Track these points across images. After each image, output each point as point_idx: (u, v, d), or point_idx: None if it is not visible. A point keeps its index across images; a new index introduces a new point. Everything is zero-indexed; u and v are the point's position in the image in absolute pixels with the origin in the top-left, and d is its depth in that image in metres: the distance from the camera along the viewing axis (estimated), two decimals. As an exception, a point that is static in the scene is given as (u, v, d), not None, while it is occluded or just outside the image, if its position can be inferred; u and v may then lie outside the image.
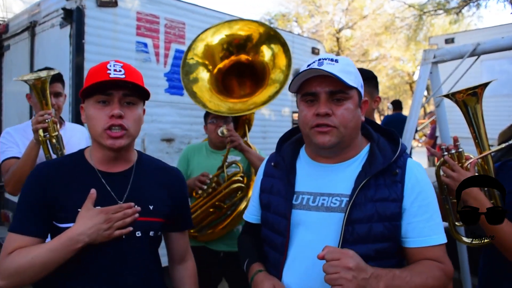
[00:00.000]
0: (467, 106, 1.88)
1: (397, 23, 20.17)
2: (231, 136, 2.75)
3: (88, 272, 1.45)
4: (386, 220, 1.37)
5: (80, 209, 1.44)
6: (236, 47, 3.03)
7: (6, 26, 4.71)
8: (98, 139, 1.49)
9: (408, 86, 26.59)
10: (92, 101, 1.48)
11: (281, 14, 23.21)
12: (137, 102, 1.52)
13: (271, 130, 5.06)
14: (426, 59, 3.12)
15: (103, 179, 1.52)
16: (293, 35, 6.08)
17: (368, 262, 1.33)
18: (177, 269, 1.77)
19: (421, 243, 1.38)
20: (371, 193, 1.38)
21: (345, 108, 1.39)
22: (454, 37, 7.49)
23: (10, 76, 4.72)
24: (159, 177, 1.65)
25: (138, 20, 3.87)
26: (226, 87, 3.09)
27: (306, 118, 1.42)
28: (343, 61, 1.43)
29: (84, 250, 1.42)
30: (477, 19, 27.97)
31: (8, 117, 4.78)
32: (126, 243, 1.49)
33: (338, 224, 1.37)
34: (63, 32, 3.60)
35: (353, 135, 1.45)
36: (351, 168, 1.46)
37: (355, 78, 1.43)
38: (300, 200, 1.47)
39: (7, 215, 4.67)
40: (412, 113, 3.13)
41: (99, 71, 1.49)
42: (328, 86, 1.38)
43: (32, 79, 2.44)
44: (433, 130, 9.76)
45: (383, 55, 24.00)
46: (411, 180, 1.41)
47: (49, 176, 1.50)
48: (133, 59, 3.84)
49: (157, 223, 1.58)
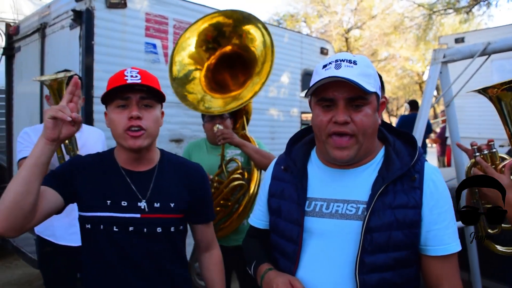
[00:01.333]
0: (501, 102, 1.69)
1: (407, 22, 20.03)
2: (222, 134, 2.76)
3: (112, 265, 1.58)
4: (406, 228, 1.32)
5: (109, 201, 1.60)
6: (215, 41, 3.03)
7: (17, 28, 4.75)
8: (120, 141, 1.60)
9: (418, 86, 26.42)
10: (113, 107, 1.59)
11: (290, 15, 23.18)
12: (154, 105, 1.62)
13: (280, 131, 5.06)
14: (436, 58, 3.09)
15: (127, 176, 1.65)
16: (302, 35, 6.07)
17: (387, 271, 1.31)
18: (204, 256, 1.90)
19: (442, 252, 1.34)
20: (390, 199, 1.33)
21: (364, 115, 1.32)
22: (464, 37, 7.42)
23: (21, 77, 4.76)
24: (181, 175, 1.75)
25: (147, 21, 3.89)
26: (219, 82, 3.09)
27: (322, 123, 1.35)
28: (362, 62, 1.34)
29: (108, 244, 1.58)
30: (488, 18, 27.77)
31: (19, 118, 4.83)
32: (147, 239, 1.61)
33: (354, 232, 1.32)
34: (72, 33, 3.62)
35: (371, 142, 1.39)
36: (367, 173, 1.40)
37: (374, 81, 1.35)
38: (313, 206, 1.41)
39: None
40: (422, 113, 3.11)
41: (117, 78, 1.58)
42: (347, 92, 1.30)
43: (49, 80, 2.50)
44: (443, 130, 9.68)
45: (392, 55, 23.87)
46: (429, 186, 1.36)
47: (82, 165, 1.66)
48: (142, 60, 3.86)
49: (177, 219, 1.69)
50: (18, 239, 4.38)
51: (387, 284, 1.31)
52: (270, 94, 5.02)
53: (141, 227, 1.60)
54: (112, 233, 1.58)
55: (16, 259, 5.28)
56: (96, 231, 1.60)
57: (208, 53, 3.06)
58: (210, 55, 3.06)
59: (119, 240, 1.58)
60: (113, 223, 1.59)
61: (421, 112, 3.12)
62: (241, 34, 2.99)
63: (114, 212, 1.59)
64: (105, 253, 1.59)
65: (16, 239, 4.38)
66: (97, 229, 1.59)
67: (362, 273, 1.29)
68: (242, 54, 3.03)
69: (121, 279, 1.59)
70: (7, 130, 4.99)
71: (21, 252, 4.12)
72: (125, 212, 1.60)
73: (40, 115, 4.17)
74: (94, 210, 1.59)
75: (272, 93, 5.06)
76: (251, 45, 2.97)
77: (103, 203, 1.59)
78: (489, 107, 1.92)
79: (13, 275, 5.11)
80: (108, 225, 1.59)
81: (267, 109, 5.03)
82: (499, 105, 1.71)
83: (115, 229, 1.58)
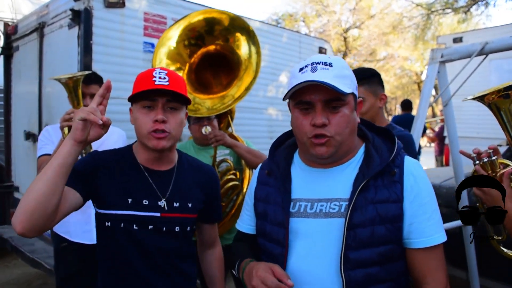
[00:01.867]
0: (499, 110, 1.64)
1: (405, 22, 20.05)
2: (214, 136, 2.75)
3: (130, 263, 1.61)
4: (388, 222, 1.33)
5: (130, 199, 1.61)
6: (198, 38, 3.00)
7: (15, 27, 4.74)
8: (143, 140, 1.63)
9: (416, 85, 26.46)
10: (139, 106, 1.62)
11: (288, 14, 23.17)
12: (179, 107, 1.65)
13: (278, 130, 5.03)
14: (433, 58, 3.10)
15: (148, 175, 1.68)
16: (300, 34, 6.07)
17: (372, 266, 1.32)
18: (206, 253, 1.96)
19: (424, 244, 1.35)
20: (371, 195, 1.34)
21: (341, 116, 1.34)
22: (463, 36, 7.43)
23: (20, 77, 4.76)
24: (197, 176, 1.80)
25: (145, 21, 3.89)
26: (202, 82, 3.07)
27: (303, 127, 1.37)
28: (338, 64, 1.36)
29: (126, 242, 1.61)
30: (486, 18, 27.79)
31: (17, 117, 4.82)
32: (166, 237, 1.65)
33: (339, 230, 1.33)
34: (71, 33, 3.62)
35: (350, 140, 1.41)
36: (348, 171, 1.42)
37: (351, 81, 1.37)
38: (297, 207, 1.42)
39: (16, 215, 4.70)
40: (420, 112, 3.12)
41: (145, 78, 1.60)
42: (324, 94, 1.32)
43: (65, 78, 2.54)
44: (441, 129, 9.70)
45: (390, 54, 23.89)
46: (409, 180, 1.38)
47: (103, 163, 1.66)
48: (140, 59, 3.86)
49: (193, 218, 1.75)
50: (16, 238, 4.38)
51: (373, 279, 1.32)
52: (268, 94, 5.03)
53: (161, 225, 1.64)
54: (131, 231, 1.61)
55: (15, 259, 5.28)
56: (115, 229, 1.61)
57: (190, 52, 3.03)
58: (192, 53, 3.03)
59: (139, 238, 1.61)
60: (134, 222, 1.61)
61: (419, 111, 3.13)
62: (229, 36, 2.98)
63: (135, 211, 1.61)
64: (123, 251, 1.62)
65: (14, 238, 4.38)
66: (117, 227, 1.61)
67: (347, 269, 1.30)
68: (226, 55, 3.01)
69: (139, 276, 1.62)
70: (6, 130, 4.98)
71: (20, 252, 4.12)
72: (146, 211, 1.62)
73: (39, 115, 4.16)
74: (116, 208, 1.61)
75: (271, 92, 5.06)
76: (236, 48, 2.96)
77: (125, 202, 1.61)
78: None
79: (11, 274, 5.10)
80: (128, 223, 1.61)
81: (266, 108, 5.03)
82: (498, 112, 1.65)
83: (135, 227, 1.61)
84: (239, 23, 2.96)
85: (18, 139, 4.70)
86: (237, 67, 2.96)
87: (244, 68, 2.91)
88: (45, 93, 4.12)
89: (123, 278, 1.62)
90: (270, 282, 1.26)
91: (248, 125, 4.63)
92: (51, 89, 3.97)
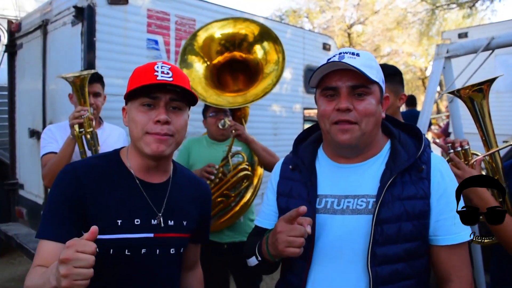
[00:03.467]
0: (473, 102, 1.83)
1: (409, 18, 19.98)
2: (234, 126, 2.78)
3: (116, 283, 1.40)
4: (415, 219, 1.33)
5: (120, 220, 1.37)
6: (232, 44, 3.06)
7: (19, 25, 4.75)
8: (139, 144, 1.39)
9: (421, 81, 26.33)
10: (137, 104, 1.38)
11: (292, 10, 23.12)
12: (184, 108, 1.43)
13: (282, 127, 5.04)
14: (439, 54, 3.07)
15: (142, 188, 1.45)
16: (304, 31, 6.05)
17: (398, 263, 1.32)
18: (187, 275, 1.72)
19: (450, 241, 1.34)
20: (398, 191, 1.34)
21: (367, 103, 1.34)
22: (468, 32, 7.38)
23: (23, 74, 4.76)
24: (191, 192, 1.60)
25: (148, 17, 3.88)
26: (220, 81, 3.11)
27: (325, 113, 1.37)
28: (365, 55, 1.38)
29: (115, 262, 1.37)
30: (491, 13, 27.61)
31: (22, 115, 4.83)
32: (160, 259, 1.45)
33: (366, 226, 1.33)
34: (74, 30, 3.61)
35: (374, 132, 1.40)
36: (374, 167, 1.41)
37: (377, 73, 1.38)
38: (324, 203, 1.41)
39: (21, 212, 4.73)
40: (425, 108, 3.09)
41: (145, 72, 1.37)
42: (350, 80, 1.33)
43: (72, 77, 2.58)
44: (447, 125, 9.65)
45: (395, 50, 23.80)
46: (436, 176, 1.37)
47: (88, 183, 1.39)
48: (144, 56, 3.85)
49: (187, 238, 1.56)
50: (21, 236, 4.40)
51: (399, 275, 1.32)
52: (272, 90, 5.00)
53: (154, 248, 1.43)
54: (123, 257, 1.38)
55: (20, 256, 5.31)
56: (104, 256, 1.33)
57: (220, 51, 3.09)
58: (220, 54, 3.09)
59: (132, 265, 1.39)
60: (125, 247, 1.38)
61: (424, 107, 3.11)
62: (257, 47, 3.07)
63: (126, 233, 1.38)
64: (114, 278, 1.39)
65: (19, 235, 4.40)
66: (105, 254, 1.34)
67: (374, 265, 1.30)
68: (250, 64, 3.08)
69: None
70: (10, 127, 4.99)
71: (24, 249, 4.13)
72: (138, 232, 1.40)
73: (43, 112, 4.17)
74: (104, 232, 1.32)
75: (275, 89, 5.03)
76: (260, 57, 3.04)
77: (114, 224, 1.36)
78: (492, 103, 1.92)
79: (16, 271, 5.13)
80: (119, 249, 1.37)
81: (270, 105, 5.01)
82: (471, 105, 1.84)
83: (127, 253, 1.38)
84: (269, 33, 3.04)
85: (23, 137, 4.71)
86: (256, 73, 3.04)
87: (268, 72, 2.98)
88: (49, 91, 4.13)
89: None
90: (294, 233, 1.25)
91: (252, 121, 4.60)
92: (55, 86, 3.97)
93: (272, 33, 3.01)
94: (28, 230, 4.58)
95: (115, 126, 3.04)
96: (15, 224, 4.86)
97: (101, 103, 2.89)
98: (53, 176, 2.63)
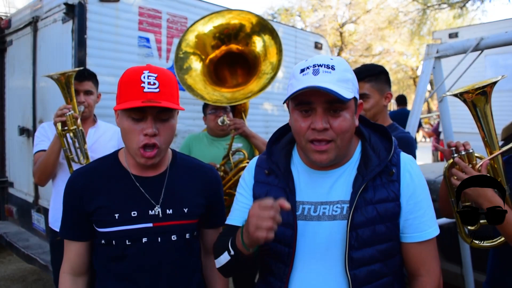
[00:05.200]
0: (476, 107, 1.78)
1: (401, 17, 20.09)
2: (234, 124, 2.78)
3: (123, 273, 1.53)
4: (388, 221, 1.36)
5: (117, 214, 1.51)
6: (227, 36, 3.06)
7: (9, 22, 4.70)
8: (132, 153, 1.51)
9: (412, 81, 26.51)
10: (126, 115, 1.46)
11: (284, 9, 23.13)
12: (171, 116, 1.51)
13: (274, 125, 5.04)
14: (429, 53, 3.10)
15: (137, 183, 1.56)
16: (296, 29, 6.06)
17: (375, 263, 1.35)
18: (209, 258, 1.78)
19: (418, 238, 1.39)
20: (370, 195, 1.36)
21: (343, 120, 1.32)
22: (458, 32, 7.44)
23: (13, 71, 4.72)
24: (194, 178, 1.66)
25: (140, 15, 3.87)
26: (218, 77, 3.11)
27: (301, 130, 1.35)
28: (340, 66, 1.33)
29: (122, 259, 1.51)
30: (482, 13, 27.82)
31: (12, 112, 4.79)
32: (162, 247, 1.54)
33: (341, 232, 1.35)
34: (65, 27, 3.59)
35: (349, 143, 1.41)
36: (347, 173, 1.42)
37: (353, 85, 1.35)
38: (301, 210, 1.41)
39: (11, 210, 4.70)
40: (415, 108, 3.12)
41: (132, 83, 1.43)
42: (325, 96, 1.28)
43: (57, 74, 2.59)
44: (438, 125, 9.73)
45: (386, 49, 23.91)
46: (406, 178, 1.40)
47: (84, 187, 1.55)
48: (135, 54, 3.83)
49: (192, 224, 1.61)
50: (11, 234, 4.37)
51: (376, 275, 1.36)
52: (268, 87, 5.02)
53: (155, 237, 1.52)
54: (125, 247, 1.50)
55: (10, 254, 5.26)
56: (109, 246, 1.52)
57: (215, 45, 3.09)
58: (216, 48, 3.09)
59: (134, 253, 1.51)
60: (125, 237, 1.50)
61: (414, 107, 3.14)
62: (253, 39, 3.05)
63: (125, 225, 1.50)
64: (120, 268, 1.52)
65: (9, 234, 4.37)
66: (109, 244, 1.51)
67: (352, 269, 1.33)
68: (247, 55, 3.07)
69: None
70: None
71: (14, 247, 4.11)
72: (136, 223, 1.51)
73: (33, 109, 4.14)
74: (105, 226, 1.51)
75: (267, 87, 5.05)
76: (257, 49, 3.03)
77: (112, 218, 1.50)
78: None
79: (6, 270, 5.09)
80: (120, 239, 1.50)
81: (261, 103, 5.02)
82: (474, 110, 1.79)
83: (128, 242, 1.50)
84: (265, 24, 3.03)
85: (12, 135, 4.67)
86: (254, 66, 3.03)
87: (264, 66, 2.98)
88: (39, 88, 4.10)
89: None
90: (265, 214, 1.21)
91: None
92: (45, 84, 3.94)
93: (269, 25, 3.02)
94: (18, 228, 4.55)
95: (110, 124, 3.02)
96: (4, 223, 4.83)
97: (93, 101, 2.88)
98: (41, 173, 2.68)
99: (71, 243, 1.59)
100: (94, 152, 2.68)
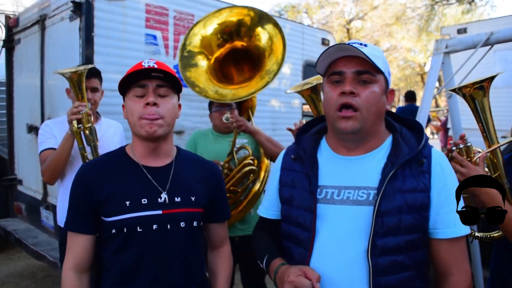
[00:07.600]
0: (474, 100, 1.85)
1: (409, 13, 19.95)
2: (236, 121, 2.78)
3: (134, 260, 1.55)
4: (415, 211, 1.34)
5: (128, 201, 1.55)
6: (229, 34, 3.05)
7: (17, 20, 4.72)
8: (136, 129, 1.57)
9: (419, 77, 26.34)
10: (130, 95, 1.58)
11: (291, 6, 23.09)
12: (171, 94, 1.60)
13: (281, 122, 5.04)
14: (438, 49, 3.07)
15: (145, 171, 1.61)
16: (303, 26, 6.03)
17: (398, 254, 1.33)
18: (213, 253, 1.87)
19: (451, 234, 1.36)
20: (399, 184, 1.35)
21: (371, 91, 1.36)
22: (467, 27, 7.36)
23: (21, 69, 4.75)
24: (198, 171, 1.73)
25: (147, 13, 3.87)
26: (224, 74, 3.11)
27: (331, 99, 1.40)
28: (372, 46, 1.41)
29: (134, 246, 1.54)
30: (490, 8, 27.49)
31: (20, 110, 4.82)
32: (172, 234, 1.58)
33: (366, 218, 1.34)
34: (72, 25, 3.60)
35: (376, 122, 1.42)
36: (376, 160, 1.42)
37: (383, 63, 1.40)
38: (324, 194, 1.42)
39: (20, 207, 4.73)
40: (424, 104, 3.09)
41: (134, 67, 1.58)
42: (356, 66, 1.36)
43: (69, 72, 2.57)
44: (447, 119, 9.66)
45: (394, 46, 23.79)
46: (437, 170, 1.39)
47: (93, 177, 1.60)
48: (142, 51, 3.84)
49: (199, 213, 1.67)
50: (20, 231, 4.40)
51: (398, 266, 1.33)
52: (271, 85, 4.99)
53: (165, 224, 1.57)
54: (136, 233, 1.54)
55: (19, 251, 5.31)
56: (120, 235, 1.54)
57: (220, 44, 3.08)
58: (220, 46, 3.09)
59: (145, 239, 1.54)
60: (136, 224, 1.54)
61: (423, 103, 3.11)
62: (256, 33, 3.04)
63: (135, 212, 1.54)
64: (132, 255, 1.55)
65: (18, 231, 4.40)
66: (121, 232, 1.54)
67: (374, 256, 1.32)
68: (251, 50, 3.06)
69: (150, 278, 1.55)
70: (8, 123, 4.98)
71: (23, 244, 4.14)
72: (146, 210, 1.55)
73: (41, 108, 4.16)
74: (116, 214, 1.54)
75: (274, 84, 5.02)
76: (261, 43, 3.01)
77: (123, 206, 1.54)
78: (492, 98, 1.92)
79: (15, 267, 5.14)
80: (131, 227, 1.53)
81: (269, 100, 5.01)
82: (472, 103, 1.87)
83: (139, 229, 1.54)
84: (266, 17, 3.03)
85: (21, 132, 4.70)
86: (260, 61, 3.01)
87: (269, 59, 2.95)
88: (47, 86, 4.11)
89: (132, 280, 1.55)
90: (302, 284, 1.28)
91: (250, 117, 4.62)
92: (53, 81, 3.96)
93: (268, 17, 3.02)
94: (27, 225, 4.59)
95: (112, 120, 3.04)
96: (13, 220, 4.86)
97: (99, 98, 2.88)
98: (52, 172, 2.65)
99: (77, 236, 1.61)
100: (100, 148, 2.69)
